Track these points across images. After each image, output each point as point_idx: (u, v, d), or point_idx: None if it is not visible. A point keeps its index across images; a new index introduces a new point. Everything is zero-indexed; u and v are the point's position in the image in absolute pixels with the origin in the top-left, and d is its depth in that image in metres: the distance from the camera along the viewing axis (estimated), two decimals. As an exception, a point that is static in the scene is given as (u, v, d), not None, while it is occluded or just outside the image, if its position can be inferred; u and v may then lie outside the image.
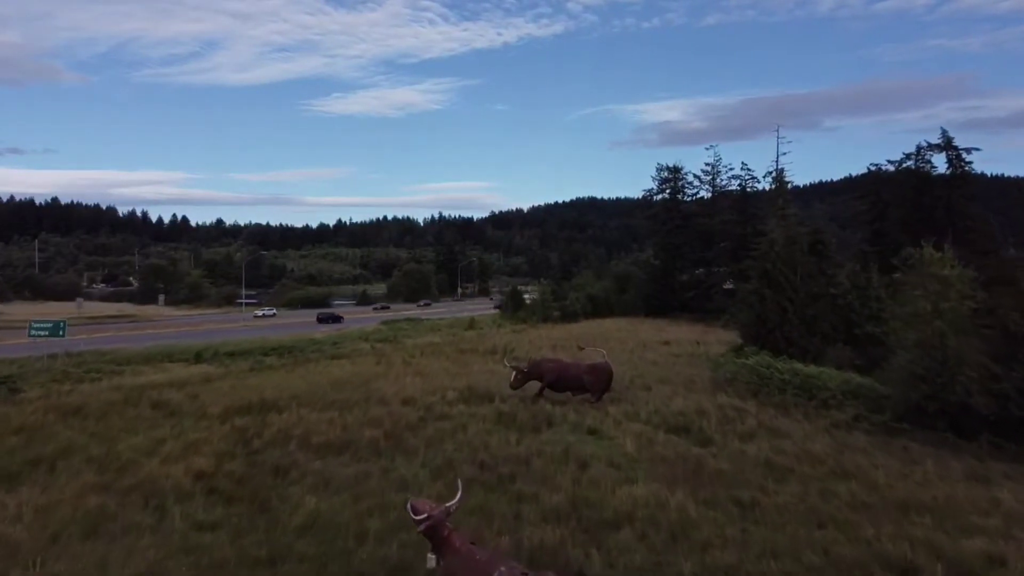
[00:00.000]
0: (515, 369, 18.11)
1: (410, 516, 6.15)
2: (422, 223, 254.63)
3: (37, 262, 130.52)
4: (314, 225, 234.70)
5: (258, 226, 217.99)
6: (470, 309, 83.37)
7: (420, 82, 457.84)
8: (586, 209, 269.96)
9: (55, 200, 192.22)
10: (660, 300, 56.87)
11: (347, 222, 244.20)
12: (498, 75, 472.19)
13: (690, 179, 62.45)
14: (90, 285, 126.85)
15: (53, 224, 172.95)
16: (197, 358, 25.90)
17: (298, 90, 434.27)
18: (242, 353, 27.39)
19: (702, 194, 62.56)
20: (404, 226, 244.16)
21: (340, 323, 59.87)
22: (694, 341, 34.29)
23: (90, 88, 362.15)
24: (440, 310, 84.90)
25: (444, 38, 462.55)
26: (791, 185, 46.61)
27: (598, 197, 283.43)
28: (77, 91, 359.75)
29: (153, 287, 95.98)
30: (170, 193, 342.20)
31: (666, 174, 62.45)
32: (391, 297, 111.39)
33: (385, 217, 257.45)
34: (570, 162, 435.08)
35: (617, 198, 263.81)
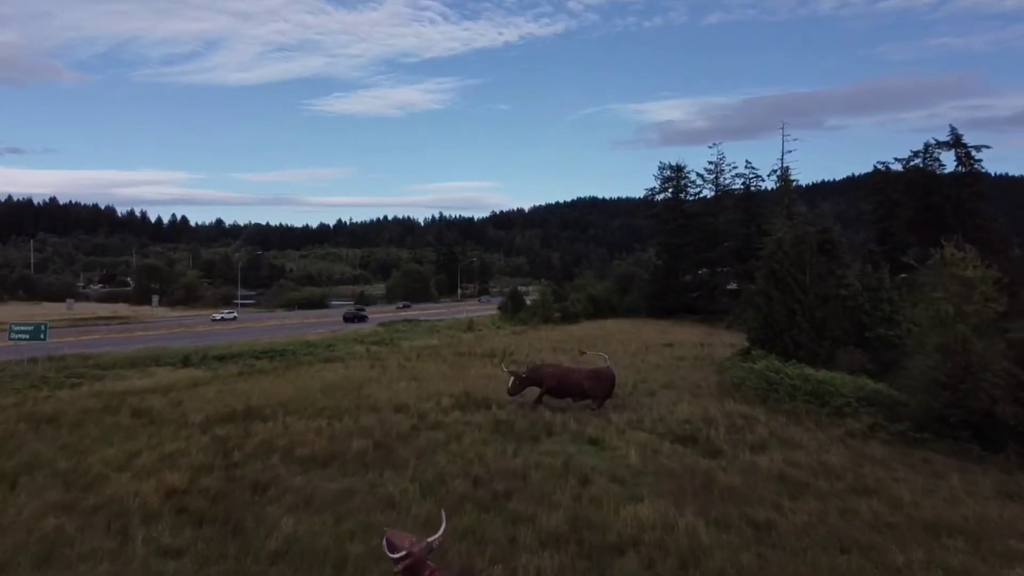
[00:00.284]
0: (513, 374, 17.56)
1: (386, 553, 5.36)
2: (423, 223, 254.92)
3: (32, 262, 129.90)
4: (314, 225, 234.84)
5: (258, 226, 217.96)
6: (451, 311, 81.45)
7: (421, 82, 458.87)
8: (588, 209, 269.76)
9: (53, 200, 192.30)
10: (663, 301, 56.18)
11: (347, 222, 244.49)
12: (499, 74, 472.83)
13: (693, 178, 61.81)
14: (87, 286, 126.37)
15: (51, 224, 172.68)
16: (185, 362, 25.13)
17: (299, 90, 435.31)
18: (232, 356, 26.62)
19: (705, 193, 61.96)
20: (405, 226, 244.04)
21: (365, 322, 62.45)
22: (698, 343, 33.95)
23: (90, 88, 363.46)
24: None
25: (445, 37, 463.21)
26: (795, 184, 45.88)
27: (599, 197, 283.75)
28: (77, 91, 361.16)
29: (149, 288, 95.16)
30: (171, 193, 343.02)
31: (669, 173, 61.68)
32: (390, 298, 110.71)
33: (386, 217, 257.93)
34: (571, 162, 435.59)
35: (619, 198, 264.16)
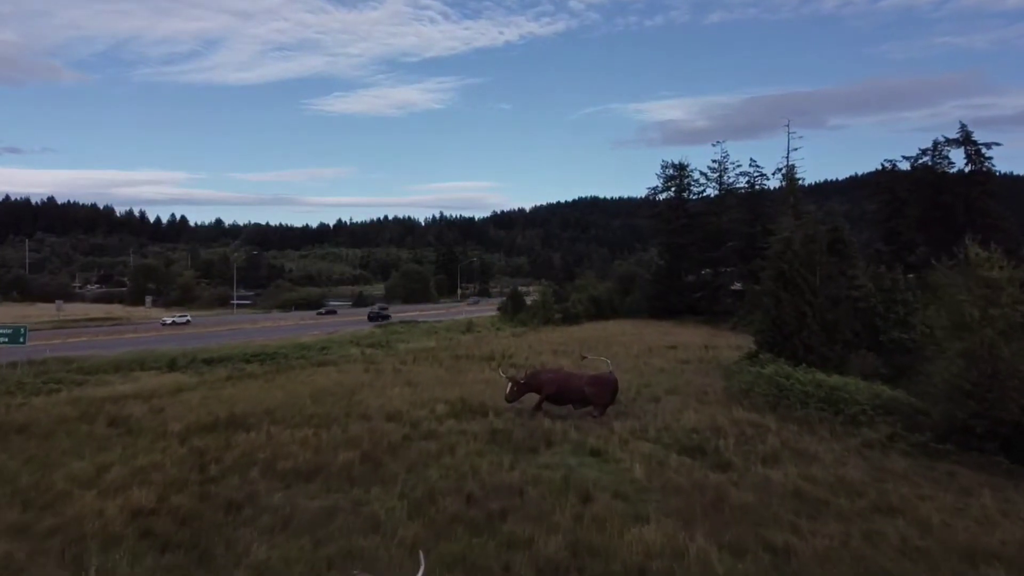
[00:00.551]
0: (511, 380, 16.80)
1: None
2: (423, 223, 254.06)
3: (27, 263, 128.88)
4: (314, 225, 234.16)
5: (257, 226, 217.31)
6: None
7: (421, 81, 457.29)
8: (589, 209, 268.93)
9: (51, 199, 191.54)
10: (665, 302, 55.35)
11: (347, 222, 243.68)
12: (500, 74, 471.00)
13: (696, 177, 60.87)
14: (84, 286, 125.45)
15: (49, 224, 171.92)
16: (171, 366, 24.33)
17: (299, 89, 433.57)
18: (222, 360, 25.79)
19: (708, 192, 61.06)
20: (405, 226, 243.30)
21: (388, 319, 65.12)
22: (702, 345, 33.36)
23: (89, 87, 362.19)
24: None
25: (445, 37, 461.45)
26: (800, 182, 45.04)
27: (601, 197, 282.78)
28: (76, 90, 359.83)
29: (144, 288, 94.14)
30: (171, 193, 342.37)
31: (671, 171, 60.76)
32: (389, 298, 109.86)
33: (386, 217, 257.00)
34: (573, 161, 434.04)
35: (620, 197, 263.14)
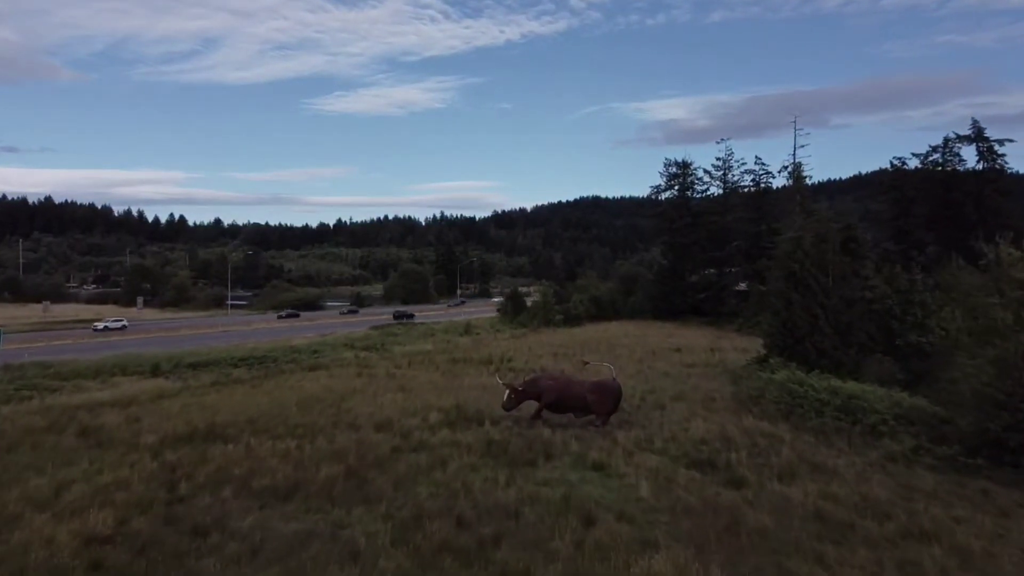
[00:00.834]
0: (508, 387, 15.85)
1: None
2: (424, 223, 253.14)
3: (21, 263, 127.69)
4: (314, 225, 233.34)
5: (257, 226, 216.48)
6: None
7: (422, 80, 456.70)
8: (590, 208, 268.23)
9: (48, 199, 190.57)
10: (669, 302, 54.36)
11: (347, 222, 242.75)
12: (501, 73, 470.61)
13: (700, 175, 59.76)
14: (80, 286, 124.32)
15: (47, 224, 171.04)
16: (154, 371, 23.32)
17: (299, 88, 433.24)
18: (208, 364, 24.81)
19: (713, 191, 59.93)
20: (405, 226, 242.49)
21: (412, 319, 67.24)
22: (708, 348, 32.47)
23: (88, 86, 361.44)
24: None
25: (446, 36, 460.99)
26: (808, 180, 44.12)
27: (602, 196, 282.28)
28: (75, 89, 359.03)
29: (139, 288, 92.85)
30: (170, 193, 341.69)
31: (675, 169, 59.64)
32: (388, 299, 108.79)
33: (386, 217, 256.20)
34: (574, 161, 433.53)
35: (622, 197, 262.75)
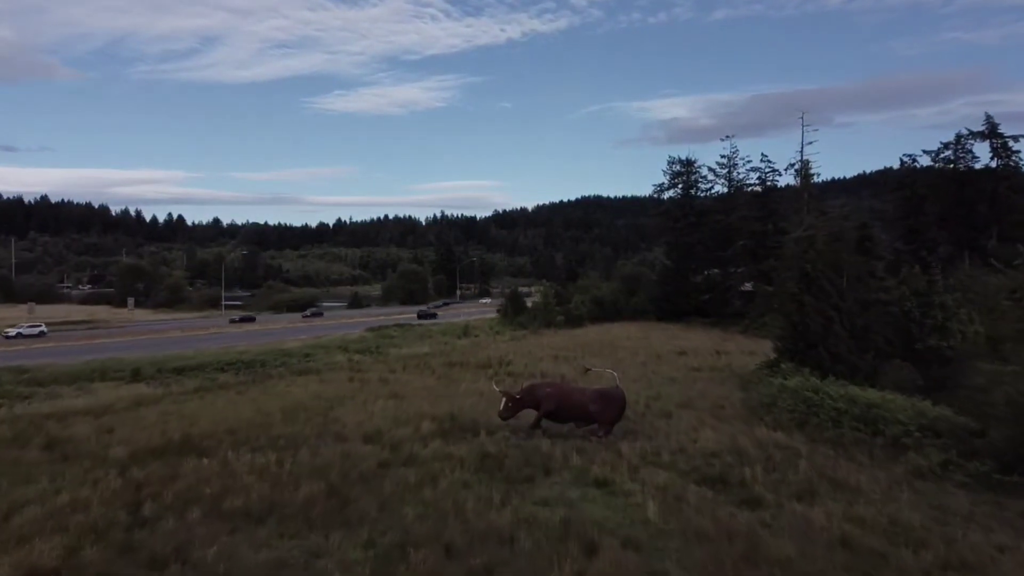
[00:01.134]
0: (505, 395, 14.90)
1: None
2: (424, 223, 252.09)
3: (14, 263, 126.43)
4: (314, 225, 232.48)
5: (256, 225, 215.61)
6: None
7: (423, 79, 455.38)
8: (592, 208, 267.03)
9: (44, 198, 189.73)
10: (672, 303, 53.27)
11: (347, 222, 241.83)
12: (502, 72, 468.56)
13: (704, 173, 58.54)
14: (75, 286, 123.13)
15: (43, 223, 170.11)
16: (135, 376, 22.32)
17: (299, 87, 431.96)
18: (193, 368, 23.80)
19: (717, 189, 58.68)
20: (405, 226, 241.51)
21: (435, 318, 67.89)
22: (713, 350, 31.48)
23: (86, 85, 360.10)
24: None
25: (447, 34, 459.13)
26: (815, 178, 43.09)
27: (604, 196, 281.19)
28: (73, 88, 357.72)
29: (132, 288, 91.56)
30: (170, 192, 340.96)
31: (678, 168, 58.46)
32: (386, 299, 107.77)
33: (386, 216, 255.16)
34: (575, 160, 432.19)
35: (623, 196, 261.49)
